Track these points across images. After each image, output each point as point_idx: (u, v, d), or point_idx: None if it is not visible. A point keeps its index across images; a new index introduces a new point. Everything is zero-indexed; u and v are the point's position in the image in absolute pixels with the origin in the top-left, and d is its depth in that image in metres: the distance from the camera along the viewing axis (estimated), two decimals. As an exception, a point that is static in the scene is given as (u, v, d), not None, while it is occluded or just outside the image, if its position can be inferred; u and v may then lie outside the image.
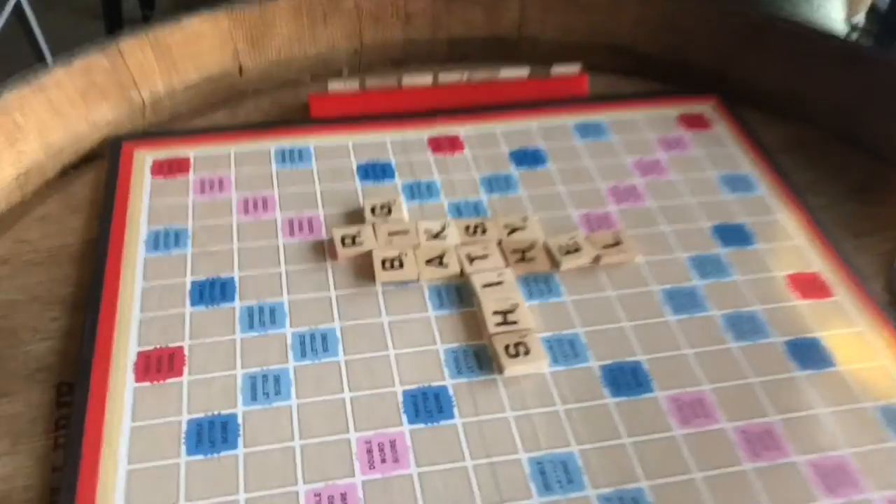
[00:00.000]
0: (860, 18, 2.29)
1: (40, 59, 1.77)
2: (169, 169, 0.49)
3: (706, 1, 0.58)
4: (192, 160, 0.50)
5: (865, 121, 0.54)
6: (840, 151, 0.54)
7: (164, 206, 0.47)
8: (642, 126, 0.54)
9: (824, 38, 0.55)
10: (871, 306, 0.43)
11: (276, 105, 0.55)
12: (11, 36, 1.61)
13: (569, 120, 0.55)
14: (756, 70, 0.57)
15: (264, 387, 0.38)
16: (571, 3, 0.59)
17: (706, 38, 0.58)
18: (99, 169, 0.50)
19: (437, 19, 0.59)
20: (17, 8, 1.69)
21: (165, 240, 0.45)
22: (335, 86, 0.54)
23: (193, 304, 0.41)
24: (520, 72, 0.56)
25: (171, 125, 0.54)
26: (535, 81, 0.57)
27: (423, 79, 0.55)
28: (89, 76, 0.50)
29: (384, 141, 0.52)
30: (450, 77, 0.56)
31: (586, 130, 0.54)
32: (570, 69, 0.57)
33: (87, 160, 0.51)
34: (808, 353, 0.41)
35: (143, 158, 0.50)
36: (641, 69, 0.60)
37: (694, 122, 0.55)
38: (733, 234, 0.47)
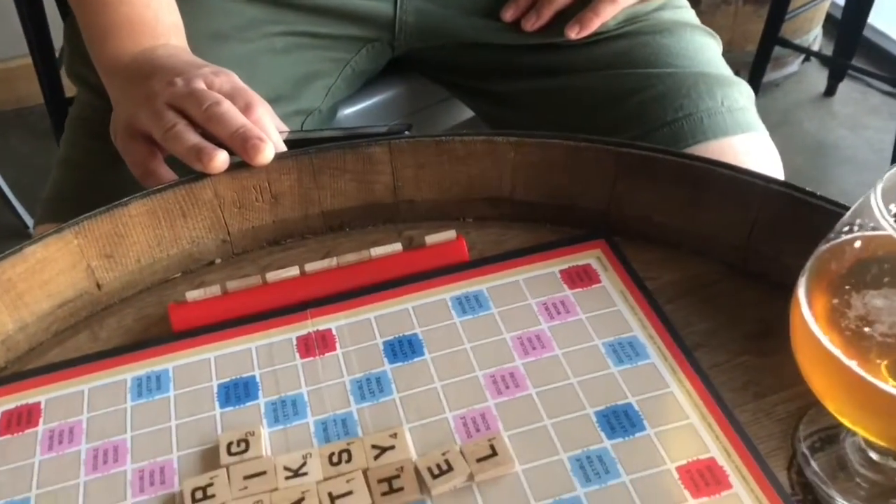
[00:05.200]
0: (817, 33, 2.28)
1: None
2: (18, 421, 0.46)
3: (582, 140, 0.55)
4: (42, 406, 0.47)
5: (763, 254, 0.51)
6: (738, 291, 0.51)
7: (8, 473, 0.44)
8: (524, 290, 0.51)
9: (713, 170, 0.52)
10: (772, 496, 0.39)
11: (139, 320, 0.52)
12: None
13: (447, 294, 0.51)
14: (645, 206, 0.54)
15: None
16: (445, 159, 0.56)
17: (590, 177, 0.55)
18: (-54, 428, 0.47)
19: (305, 196, 0.56)
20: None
21: (5, 518, 0.42)
22: (194, 294, 0.51)
23: None
24: (393, 248, 0.53)
25: (28, 359, 0.51)
26: (410, 254, 0.54)
27: (290, 272, 0.52)
28: (-76, 332, 0.47)
29: (249, 349, 0.49)
30: (318, 266, 0.53)
31: (465, 304, 0.51)
32: (446, 236, 0.54)
33: (-61, 414, 0.48)
34: (702, 572, 0.37)
35: (-9, 412, 0.47)
36: (527, 215, 0.57)
37: (579, 276, 0.52)
38: (620, 420, 0.43)
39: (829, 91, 2.05)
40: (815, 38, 2.11)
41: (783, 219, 0.50)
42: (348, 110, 0.82)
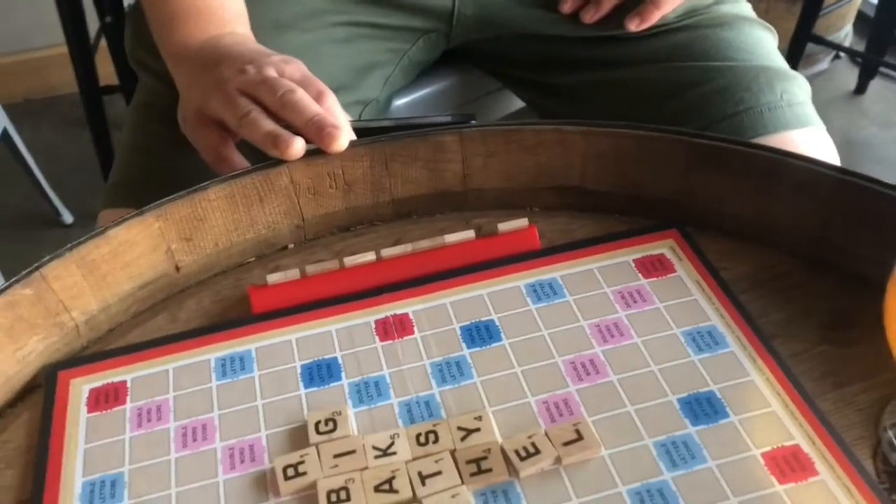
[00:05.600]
0: (848, 31, 2.27)
1: (31, 177, 1.80)
2: (105, 399, 0.47)
3: (653, 130, 0.55)
4: (128, 385, 0.48)
5: (836, 245, 0.51)
6: (811, 282, 0.51)
7: (100, 448, 0.44)
8: (599, 278, 0.52)
9: (785, 160, 0.52)
10: (859, 483, 0.40)
11: (217, 302, 0.53)
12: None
13: (520, 281, 0.52)
14: (716, 197, 0.54)
15: None
16: (514, 148, 0.57)
17: (660, 167, 0.55)
18: (36, 406, 0.48)
19: (377, 183, 0.57)
20: (5, 134, 1.71)
21: (101, 491, 0.42)
22: (274, 278, 0.52)
23: (129, 575, 0.39)
24: (465, 235, 0.54)
25: (109, 339, 0.52)
26: (483, 241, 0.54)
27: (366, 256, 0.53)
28: (14, 311, 0.48)
29: (329, 332, 0.50)
30: (394, 251, 0.53)
31: (540, 292, 0.51)
32: (518, 224, 0.55)
33: (27, 391, 0.49)
34: (794, 555, 0.37)
35: (80, 390, 0.48)
36: (596, 205, 0.57)
37: (653, 266, 0.52)
38: (703, 407, 0.44)
39: (860, 89, 2.04)
40: (845, 35, 2.10)
41: (856, 210, 0.50)
42: (401, 101, 0.83)
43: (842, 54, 2.09)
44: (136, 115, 0.72)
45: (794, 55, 1.76)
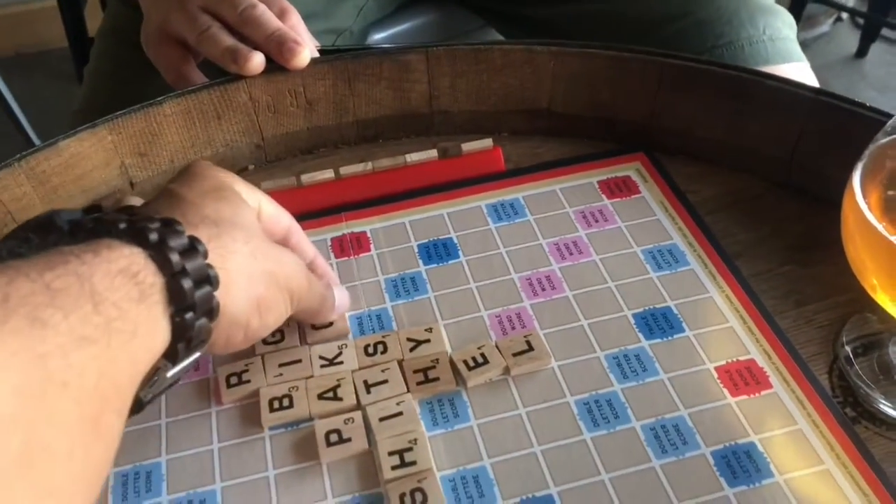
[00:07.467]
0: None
1: (21, 130, 1.78)
2: (52, 309, 0.46)
3: (625, 51, 0.53)
4: (76, 297, 0.47)
5: (807, 167, 0.50)
6: (780, 204, 0.50)
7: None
8: (561, 198, 0.50)
9: (760, 81, 0.51)
10: (812, 396, 0.39)
11: (172, 219, 0.52)
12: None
13: (482, 201, 0.51)
14: (688, 119, 0.53)
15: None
16: (482, 68, 0.55)
17: (632, 89, 0.54)
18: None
19: (340, 103, 0.55)
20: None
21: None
22: (228, 193, 0.51)
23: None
24: (428, 154, 0.53)
25: (61, 254, 0.51)
26: (446, 162, 0.53)
27: (325, 174, 0.52)
28: (-41, 219, 0.47)
29: (284, 248, 0.49)
30: (353, 169, 0.52)
31: (501, 211, 0.50)
32: (482, 144, 0.53)
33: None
34: (742, 465, 0.36)
35: (26, 300, 0.47)
36: (565, 129, 0.56)
37: (618, 187, 0.51)
38: (659, 322, 0.43)
39: (861, 52, 2.01)
40: (848, -3, 2.06)
41: (829, 131, 0.49)
42: (380, 35, 0.81)
43: (843, 16, 2.06)
44: (103, 41, 0.71)
45: (794, 16, 1.73)
